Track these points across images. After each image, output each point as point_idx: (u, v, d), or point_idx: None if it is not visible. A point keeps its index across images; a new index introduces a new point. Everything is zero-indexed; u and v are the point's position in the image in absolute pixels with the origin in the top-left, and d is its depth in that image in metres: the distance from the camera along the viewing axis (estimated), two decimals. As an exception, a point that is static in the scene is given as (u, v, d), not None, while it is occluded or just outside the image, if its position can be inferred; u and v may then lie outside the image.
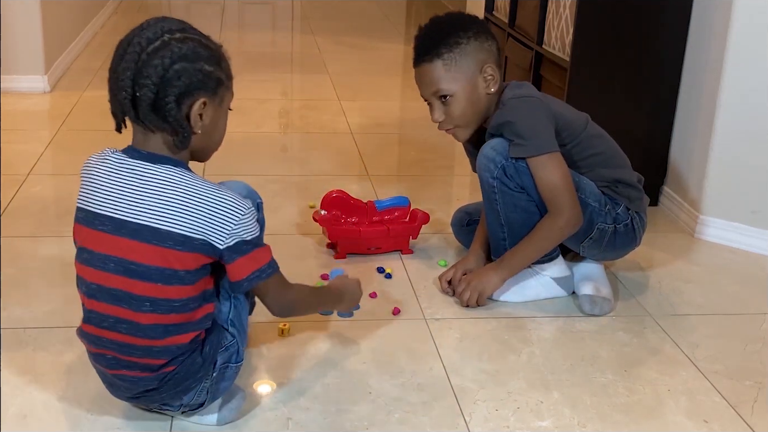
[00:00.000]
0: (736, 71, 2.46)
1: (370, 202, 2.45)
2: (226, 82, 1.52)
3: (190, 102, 1.45)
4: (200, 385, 1.55)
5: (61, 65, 4.15)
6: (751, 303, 2.22)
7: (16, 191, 2.72)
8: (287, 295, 1.61)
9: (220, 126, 1.56)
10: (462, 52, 2.01)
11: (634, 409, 1.74)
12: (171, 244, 1.44)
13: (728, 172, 2.55)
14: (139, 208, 1.45)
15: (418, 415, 1.68)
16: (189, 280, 1.47)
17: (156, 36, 1.43)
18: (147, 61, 1.41)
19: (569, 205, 2.00)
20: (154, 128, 1.46)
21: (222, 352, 1.57)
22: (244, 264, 1.50)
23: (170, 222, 1.44)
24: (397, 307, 2.08)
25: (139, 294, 1.46)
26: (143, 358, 1.49)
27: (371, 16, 6.45)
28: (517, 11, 3.39)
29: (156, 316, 1.47)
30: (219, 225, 1.45)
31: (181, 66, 1.42)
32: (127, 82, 1.42)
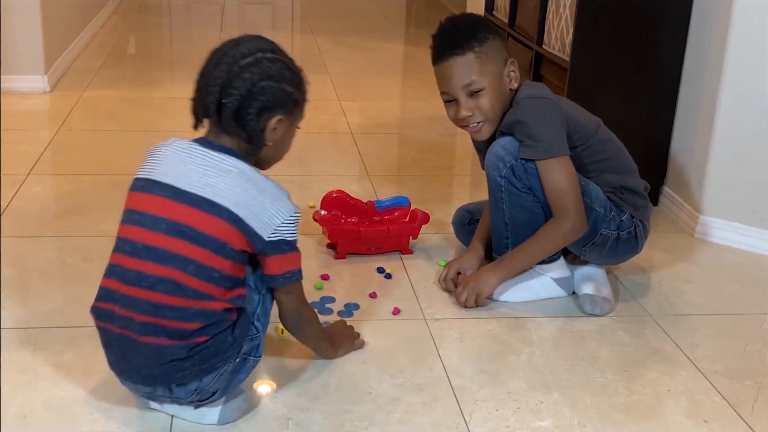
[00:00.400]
0: (736, 71, 2.46)
1: (370, 202, 2.45)
2: (301, 104, 1.68)
3: (268, 117, 1.60)
4: (223, 367, 1.57)
5: (61, 65, 4.15)
6: (751, 303, 2.22)
7: (16, 191, 2.72)
8: (303, 309, 1.71)
9: (287, 142, 1.70)
10: (491, 47, 2.01)
11: (634, 409, 1.74)
12: (226, 217, 1.53)
13: (728, 172, 2.55)
14: (202, 183, 1.54)
15: (418, 415, 1.68)
16: (233, 256, 1.55)
17: (249, 52, 1.58)
18: (238, 74, 1.56)
19: (575, 210, 2.00)
20: (231, 133, 1.59)
21: (248, 341, 1.61)
22: (281, 261, 1.59)
23: (230, 201, 1.53)
24: (397, 307, 2.08)
25: (186, 255, 1.52)
26: (176, 320, 1.52)
27: (371, 16, 6.45)
28: (517, 11, 3.39)
29: (196, 281, 1.52)
30: (270, 218, 1.55)
31: (267, 84, 1.57)
32: (216, 89, 1.56)
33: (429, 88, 4.22)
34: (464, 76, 2.01)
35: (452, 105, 2.06)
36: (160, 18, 6.09)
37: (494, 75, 2.02)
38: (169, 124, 3.60)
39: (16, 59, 3.74)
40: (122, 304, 1.54)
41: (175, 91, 4.10)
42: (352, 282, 2.23)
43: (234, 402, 1.65)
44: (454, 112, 2.06)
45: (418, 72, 4.74)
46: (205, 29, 5.60)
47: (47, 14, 3.85)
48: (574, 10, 2.68)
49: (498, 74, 2.03)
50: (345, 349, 1.88)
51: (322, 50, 5.09)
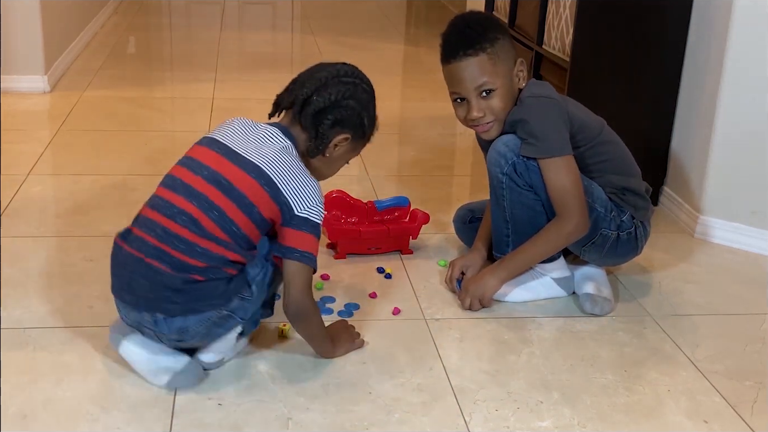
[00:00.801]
0: (736, 71, 2.46)
1: (370, 202, 2.45)
2: (364, 140, 1.87)
3: (339, 131, 1.78)
4: (208, 313, 1.67)
5: (61, 65, 4.15)
6: (751, 303, 2.22)
7: (16, 191, 2.72)
8: (307, 299, 1.75)
9: (337, 165, 1.88)
10: (501, 47, 2.01)
11: (634, 409, 1.74)
12: (264, 183, 1.68)
13: (728, 172, 2.55)
14: (254, 151, 1.72)
15: (418, 415, 1.68)
16: (256, 219, 1.69)
17: (351, 74, 1.80)
18: (335, 84, 1.76)
19: (578, 210, 2.00)
20: (304, 128, 1.77)
21: (239, 299, 1.70)
22: (302, 237, 1.71)
23: (273, 171, 1.69)
24: (397, 307, 2.08)
25: (213, 200, 1.67)
26: (182, 253, 1.65)
27: (371, 16, 6.45)
28: (517, 11, 3.39)
29: (214, 225, 1.66)
30: (305, 196, 1.70)
31: (354, 104, 1.78)
32: (311, 88, 1.75)
33: (429, 88, 4.24)
34: (477, 77, 2.00)
35: (462, 105, 2.05)
36: (160, 18, 6.09)
37: (505, 75, 2.02)
38: (169, 124, 3.60)
39: (16, 59, 3.74)
40: (141, 226, 1.70)
41: (175, 91, 4.10)
42: (352, 282, 2.23)
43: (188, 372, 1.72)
44: (464, 112, 2.05)
45: (418, 72, 4.74)
46: (205, 29, 5.60)
47: (47, 14, 3.85)
48: (574, 10, 2.68)
49: (508, 74, 2.03)
50: (345, 349, 1.88)
51: (322, 50, 5.09)
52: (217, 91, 3.98)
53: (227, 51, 4.93)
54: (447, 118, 3.71)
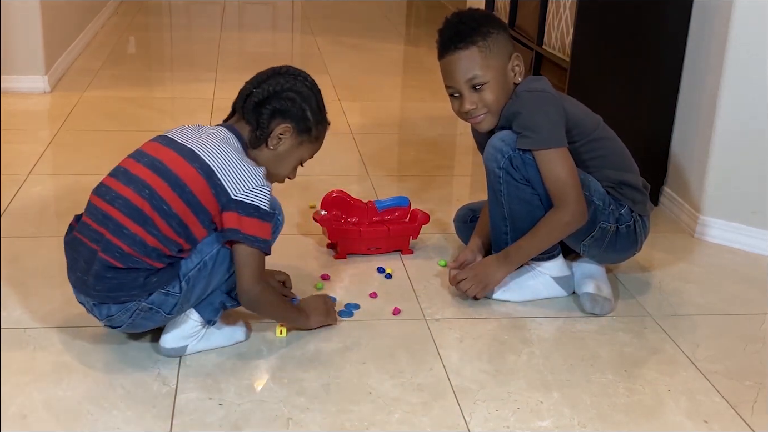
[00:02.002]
0: (736, 71, 2.46)
1: (370, 202, 2.45)
2: (312, 137, 1.89)
3: (279, 121, 1.84)
4: (128, 305, 1.74)
5: (61, 65, 4.16)
6: (751, 303, 2.22)
7: (17, 191, 2.72)
8: (257, 285, 1.78)
9: (286, 164, 1.90)
10: (494, 41, 2.02)
11: (634, 409, 1.74)
12: (198, 166, 1.74)
13: (728, 172, 2.55)
14: (194, 141, 1.79)
15: (418, 415, 1.68)
16: (189, 200, 1.73)
17: (295, 73, 1.88)
18: (276, 78, 1.84)
19: (575, 200, 2.00)
20: (246, 120, 1.84)
21: (162, 294, 1.74)
22: (243, 221, 1.73)
23: (208, 155, 1.75)
24: (397, 307, 2.08)
25: (146, 181, 1.74)
26: (112, 234, 1.72)
27: (371, 16, 6.45)
28: (517, 11, 3.39)
29: (145, 204, 1.72)
30: (241, 180, 1.74)
31: (293, 96, 1.84)
32: (254, 83, 1.85)
33: (429, 88, 4.24)
34: (467, 71, 2.02)
35: (457, 99, 2.07)
36: (160, 18, 6.09)
37: (498, 69, 2.03)
38: (169, 124, 3.60)
39: (16, 59, 3.74)
40: (86, 211, 1.80)
41: (175, 91, 4.10)
42: (353, 282, 2.23)
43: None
44: (458, 106, 2.07)
45: (418, 72, 4.74)
46: (205, 29, 5.60)
47: (47, 14, 3.85)
48: (574, 10, 2.68)
49: (502, 68, 2.04)
50: (318, 321, 1.95)
51: (322, 50, 5.09)
52: (217, 91, 3.99)
53: (227, 51, 4.93)
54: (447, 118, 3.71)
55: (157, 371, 1.79)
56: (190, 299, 1.79)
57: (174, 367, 1.80)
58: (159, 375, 1.77)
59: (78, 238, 1.78)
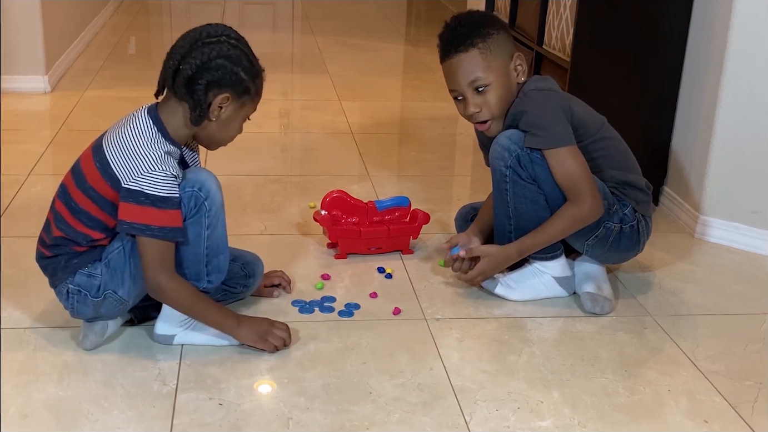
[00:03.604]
0: (737, 71, 2.46)
1: (370, 202, 2.45)
2: (252, 94, 1.81)
3: (216, 92, 1.76)
4: (59, 288, 1.83)
5: (61, 65, 4.16)
6: (751, 303, 2.22)
7: (17, 191, 2.72)
8: (159, 274, 1.75)
9: (233, 127, 1.85)
10: (495, 42, 2.02)
11: (634, 409, 1.74)
12: (97, 160, 1.76)
13: (728, 172, 2.55)
14: (112, 134, 1.79)
15: (418, 415, 1.68)
16: (92, 196, 1.76)
17: (215, 33, 1.76)
18: (199, 47, 1.74)
19: (590, 194, 2.00)
20: (180, 99, 1.77)
21: (84, 275, 1.80)
22: (132, 210, 1.72)
23: (108, 146, 1.76)
24: (397, 307, 2.08)
25: (64, 181, 1.83)
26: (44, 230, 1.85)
27: (371, 16, 6.45)
28: (517, 11, 3.39)
29: (60, 204, 1.81)
30: (131, 167, 1.72)
31: (223, 62, 1.74)
32: (177, 57, 1.75)
33: (429, 88, 4.24)
34: (469, 73, 2.02)
35: (461, 102, 2.07)
36: (161, 18, 6.10)
37: (500, 70, 2.03)
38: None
39: (16, 59, 3.74)
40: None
41: (176, 91, 4.10)
42: (353, 282, 2.23)
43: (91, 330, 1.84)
44: (462, 109, 2.07)
45: (418, 72, 4.74)
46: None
47: (48, 14, 3.85)
48: (575, 10, 2.68)
49: (504, 69, 2.04)
50: (248, 337, 1.84)
51: (322, 50, 5.09)
52: (217, 91, 3.99)
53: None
54: (448, 118, 3.71)
55: (157, 371, 1.79)
56: (119, 282, 1.80)
57: (174, 367, 1.80)
58: (159, 375, 1.77)
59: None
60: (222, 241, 1.85)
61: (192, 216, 1.78)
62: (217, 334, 1.87)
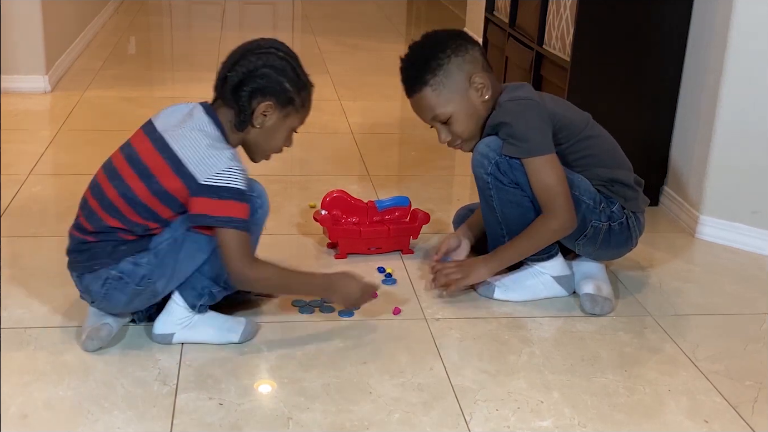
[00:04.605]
0: (737, 71, 2.46)
1: (370, 202, 2.45)
2: (297, 106, 1.89)
3: (260, 100, 1.83)
4: (100, 272, 1.81)
5: (62, 65, 4.16)
6: (751, 303, 2.22)
7: (17, 191, 2.72)
8: (244, 265, 1.79)
9: (278, 137, 1.91)
10: (446, 73, 2.04)
11: (634, 409, 1.74)
12: (166, 156, 1.78)
13: (728, 172, 2.55)
14: (172, 128, 1.82)
15: (418, 415, 1.68)
16: (156, 189, 1.78)
17: (265, 46, 1.86)
18: (248, 57, 1.83)
19: (564, 208, 2.01)
20: (226, 104, 1.84)
21: (130, 263, 1.80)
22: (214, 204, 1.75)
23: (178, 145, 1.78)
24: (397, 307, 2.08)
25: (119, 170, 1.82)
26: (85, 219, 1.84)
27: (371, 16, 6.45)
28: (517, 11, 3.39)
29: (114, 192, 1.80)
30: (208, 164, 1.76)
31: (269, 71, 1.82)
32: (227, 66, 1.85)
33: (429, 88, 4.24)
34: (427, 111, 2.08)
35: (435, 129, 2.13)
36: (161, 18, 6.09)
37: (458, 99, 2.05)
38: (169, 124, 3.59)
39: (16, 59, 3.74)
40: (79, 204, 1.89)
41: (176, 91, 4.10)
42: (353, 282, 2.22)
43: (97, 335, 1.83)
44: (438, 137, 2.13)
45: (418, 72, 4.73)
46: (206, 29, 5.60)
47: (48, 14, 3.85)
48: (575, 10, 2.68)
49: (462, 95, 2.06)
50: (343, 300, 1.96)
51: (322, 50, 5.09)
52: (217, 91, 3.99)
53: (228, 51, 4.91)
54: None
55: (157, 371, 1.79)
56: (161, 274, 1.81)
57: (174, 367, 1.80)
58: (159, 375, 1.77)
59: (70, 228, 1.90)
60: (254, 249, 1.90)
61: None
62: (219, 335, 1.87)
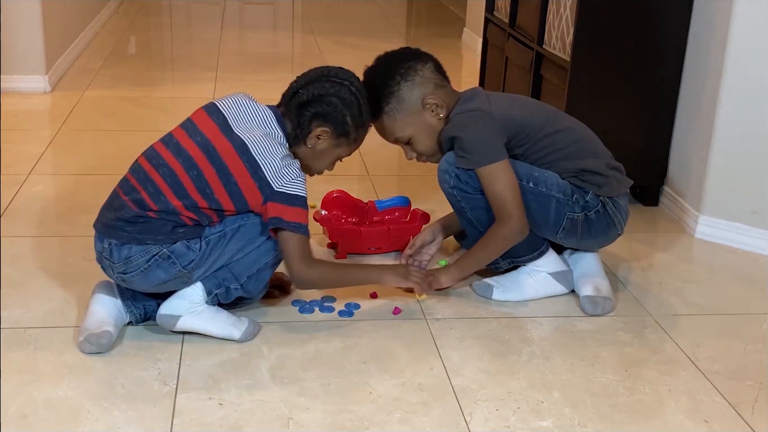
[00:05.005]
0: (737, 71, 2.46)
1: (370, 202, 2.45)
2: (351, 139, 1.98)
3: (319, 124, 1.93)
4: (151, 247, 1.83)
5: (61, 65, 4.16)
6: (751, 303, 2.22)
7: (17, 191, 2.72)
8: (307, 266, 1.89)
9: (323, 162, 2.02)
10: (398, 99, 2.08)
11: (634, 409, 1.74)
12: (246, 160, 1.84)
13: (728, 172, 2.55)
14: (245, 129, 1.88)
15: (418, 415, 1.68)
16: (232, 189, 1.84)
17: (344, 77, 1.96)
18: (322, 82, 1.93)
19: (514, 214, 2.02)
20: (289, 116, 1.93)
21: (184, 245, 1.84)
22: (287, 210, 1.85)
23: (256, 151, 1.85)
24: (397, 307, 2.08)
25: (197, 162, 1.85)
26: (149, 196, 1.84)
27: (371, 16, 6.45)
28: (517, 11, 3.39)
29: (189, 182, 1.84)
30: (282, 173, 1.84)
31: (335, 101, 1.92)
32: (301, 83, 1.95)
33: (429, 88, 4.23)
34: (389, 135, 2.15)
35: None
36: (161, 18, 6.09)
37: (413, 122, 2.10)
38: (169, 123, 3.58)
39: (16, 59, 3.74)
40: (131, 169, 1.92)
41: (176, 91, 4.10)
42: (353, 282, 2.22)
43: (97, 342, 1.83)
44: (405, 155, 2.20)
45: (418, 72, 4.73)
46: (206, 29, 5.60)
47: (48, 14, 3.85)
48: (575, 10, 2.67)
49: (417, 117, 2.10)
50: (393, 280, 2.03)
51: (322, 50, 5.09)
52: (217, 90, 3.99)
53: (228, 51, 4.93)
54: (447, 118, 3.70)
55: (157, 371, 1.79)
56: (204, 263, 1.86)
57: (174, 367, 1.80)
58: (159, 375, 1.77)
59: (115, 190, 1.91)
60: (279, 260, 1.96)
61: None
62: (221, 329, 1.88)
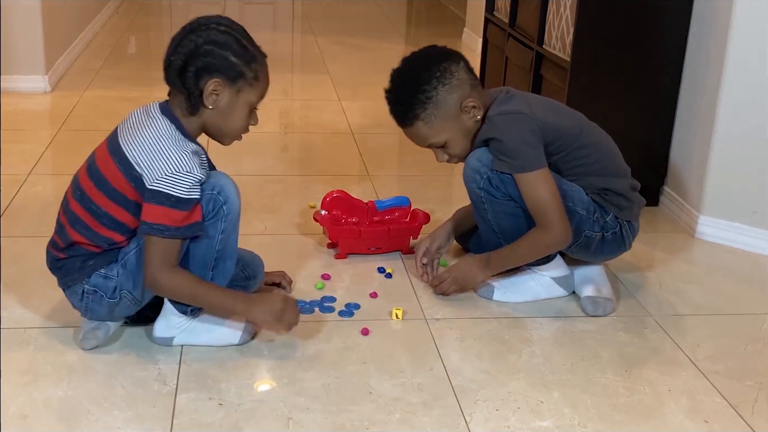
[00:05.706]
0: (737, 71, 2.46)
1: (370, 202, 2.45)
2: (249, 79, 1.79)
3: (207, 79, 1.75)
4: (74, 288, 1.81)
5: (61, 65, 4.16)
6: (751, 303, 2.22)
7: (17, 191, 2.72)
8: (161, 272, 1.74)
9: (237, 116, 1.81)
10: (436, 104, 2.01)
11: (634, 409, 1.74)
12: (118, 160, 1.75)
13: (728, 172, 2.55)
14: (128, 134, 1.77)
15: (418, 415, 1.68)
16: (115, 197, 1.75)
17: (206, 22, 1.78)
18: (188, 36, 1.76)
19: (558, 222, 1.99)
20: (174, 90, 1.79)
21: (101, 276, 1.80)
22: (155, 211, 1.71)
23: (130, 148, 1.74)
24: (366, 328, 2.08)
25: (81, 184, 1.80)
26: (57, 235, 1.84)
27: (371, 16, 6.45)
28: (517, 11, 3.39)
29: (77, 204, 1.80)
30: (156, 167, 1.71)
31: (211, 48, 1.75)
32: (170, 50, 1.78)
33: (429, 88, 4.23)
34: (422, 141, 2.08)
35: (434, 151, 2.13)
36: (161, 18, 6.10)
37: (450, 126, 2.03)
38: (169, 124, 3.59)
39: (16, 59, 3.74)
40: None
41: (176, 91, 4.10)
42: (353, 282, 2.23)
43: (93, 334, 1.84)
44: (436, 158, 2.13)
45: (418, 72, 4.73)
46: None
47: (48, 14, 3.85)
48: (575, 10, 2.67)
49: (454, 121, 2.03)
50: (260, 318, 1.81)
51: (322, 50, 5.09)
52: (217, 91, 3.99)
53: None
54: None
55: (157, 371, 1.79)
56: (132, 284, 1.80)
57: (174, 367, 1.80)
58: (159, 375, 1.77)
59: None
60: (232, 247, 1.85)
61: (209, 219, 1.78)
62: (218, 338, 1.87)
